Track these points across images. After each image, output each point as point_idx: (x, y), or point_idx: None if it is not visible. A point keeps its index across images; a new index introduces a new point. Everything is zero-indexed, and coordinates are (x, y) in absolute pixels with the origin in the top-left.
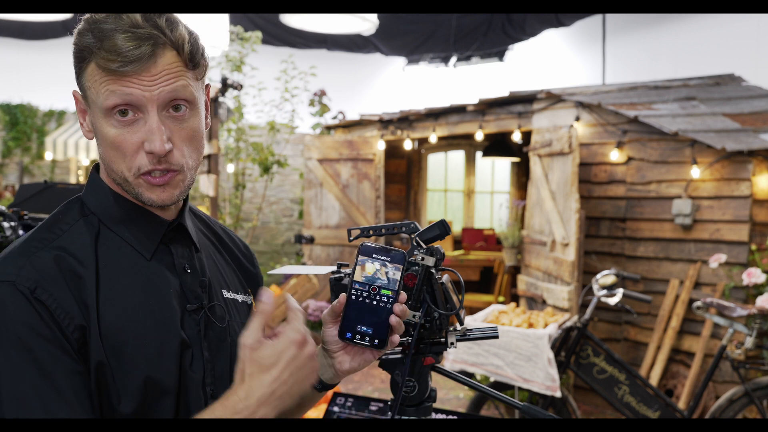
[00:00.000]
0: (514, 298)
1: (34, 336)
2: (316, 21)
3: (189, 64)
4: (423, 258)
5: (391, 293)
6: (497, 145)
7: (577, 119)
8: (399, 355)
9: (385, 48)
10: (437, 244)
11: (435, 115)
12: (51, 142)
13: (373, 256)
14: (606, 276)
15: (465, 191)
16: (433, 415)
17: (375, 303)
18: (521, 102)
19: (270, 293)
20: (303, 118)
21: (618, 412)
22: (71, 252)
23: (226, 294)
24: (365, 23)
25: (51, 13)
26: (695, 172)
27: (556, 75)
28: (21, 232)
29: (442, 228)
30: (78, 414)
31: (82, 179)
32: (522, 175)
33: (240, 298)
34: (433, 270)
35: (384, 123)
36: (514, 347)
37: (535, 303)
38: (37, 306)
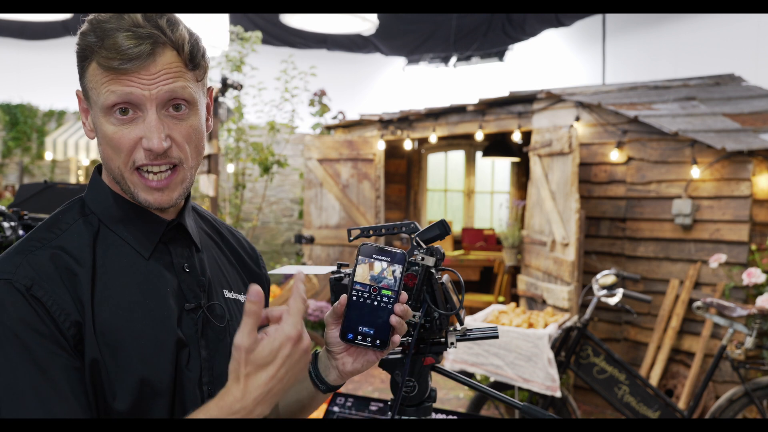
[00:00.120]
0: (514, 298)
1: (30, 332)
2: (316, 21)
3: (189, 64)
4: (423, 258)
5: (392, 293)
6: (497, 145)
7: (577, 119)
8: (399, 355)
9: (385, 48)
10: (437, 244)
11: (435, 115)
12: (51, 142)
13: (373, 256)
14: (606, 276)
15: (465, 191)
16: (433, 415)
17: (376, 303)
18: (521, 102)
19: (258, 290)
20: (303, 118)
21: (618, 412)
22: (68, 251)
23: (227, 294)
24: (365, 23)
25: (51, 13)
26: (695, 172)
27: (556, 75)
28: (21, 232)
29: (442, 228)
30: (74, 409)
31: (82, 179)
32: (522, 175)
33: (242, 298)
34: (433, 270)
35: (384, 123)
36: (514, 347)
37: (535, 303)
38: (33, 303)
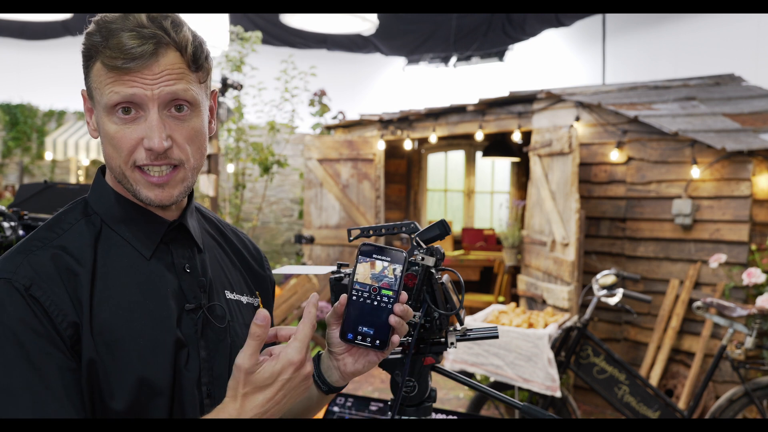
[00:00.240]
0: (514, 298)
1: (27, 332)
2: (316, 21)
3: (192, 66)
4: (423, 258)
5: (392, 294)
6: (497, 145)
7: (577, 119)
8: (399, 355)
9: (385, 48)
10: (437, 244)
11: (435, 115)
12: (51, 142)
13: (374, 256)
14: (606, 276)
15: (465, 191)
16: (433, 415)
17: (376, 304)
18: (521, 102)
19: (265, 315)
20: (303, 118)
21: (618, 412)
22: (69, 251)
23: (229, 295)
24: (365, 23)
25: (51, 13)
26: (695, 172)
27: (556, 75)
28: (21, 232)
29: (442, 228)
30: (66, 409)
31: (82, 179)
32: (522, 175)
33: (245, 299)
34: (433, 270)
35: (384, 123)
36: (514, 347)
37: (535, 303)
38: (32, 303)
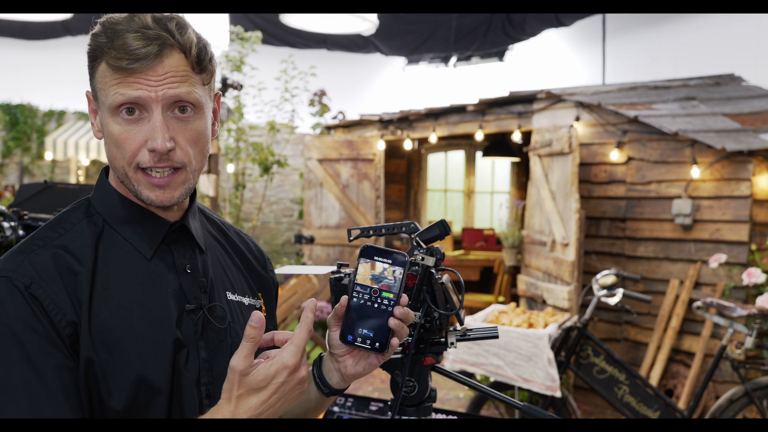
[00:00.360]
0: (514, 298)
1: (26, 330)
2: (316, 21)
3: (196, 68)
4: (423, 258)
5: (393, 296)
6: (497, 145)
7: (577, 119)
8: (399, 355)
9: (385, 48)
10: (437, 244)
11: (435, 115)
12: (51, 142)
13: (375, 258)
14: (606, 276)
15: (465, 191)
16: (433, 415)
17: (376, 306)
18: (521, 102)
19: (260, 317)
20: (303, 118)
21: (618, 412)
22: (70, 250)
23: (230, 296)
24: (365, 23)
25: (51, 13)
26: (695, 172)
27: (556, 75)
28: (21, 232)
29: (442, 228)
30: (64, 408)
31: (82, 179)
32: (522, 175)
33: (247, 301)
34: (433, 270)
35: (384, 123)
36: (514, 347)
37: (535, 303)
38: (31, 301)
